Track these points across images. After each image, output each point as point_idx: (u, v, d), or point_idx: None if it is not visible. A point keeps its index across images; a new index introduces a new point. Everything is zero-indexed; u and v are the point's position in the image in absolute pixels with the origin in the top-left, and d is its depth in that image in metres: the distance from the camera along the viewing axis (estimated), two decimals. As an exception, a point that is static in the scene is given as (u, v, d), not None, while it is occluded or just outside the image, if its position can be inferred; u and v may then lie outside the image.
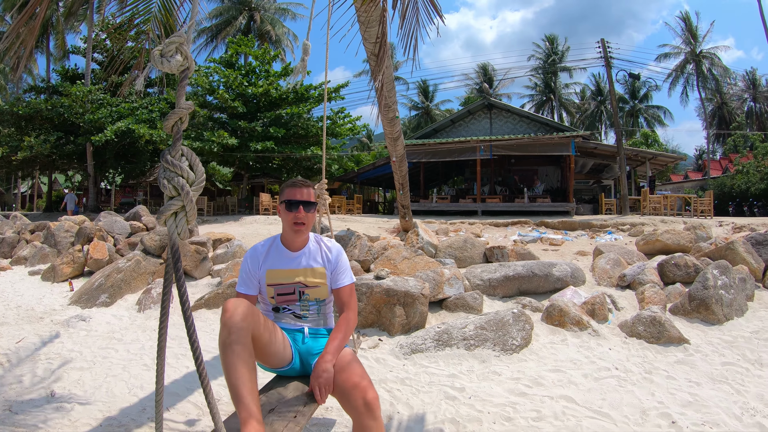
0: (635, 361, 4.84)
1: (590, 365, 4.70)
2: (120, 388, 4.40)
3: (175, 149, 2.01)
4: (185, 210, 2.00)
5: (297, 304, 2.89)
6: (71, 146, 25.20)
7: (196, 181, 2.04)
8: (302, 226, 2.80)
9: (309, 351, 2.83)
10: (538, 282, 7.20)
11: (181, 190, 1.97)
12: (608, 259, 8.16)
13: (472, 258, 9.21)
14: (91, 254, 9.64)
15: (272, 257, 2.88)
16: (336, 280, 2.89)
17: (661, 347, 5.19)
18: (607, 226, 14.80)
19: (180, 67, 2.02)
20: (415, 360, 4.93)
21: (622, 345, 5.31)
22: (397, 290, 5.90)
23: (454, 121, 27.26)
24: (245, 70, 26.27)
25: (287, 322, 2.93)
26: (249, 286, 2.86)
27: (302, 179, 2.91)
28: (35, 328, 6.41)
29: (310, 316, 2.93)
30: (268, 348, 2.58)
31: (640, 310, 6.30)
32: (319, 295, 2.89)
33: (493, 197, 23.98)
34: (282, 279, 2.84)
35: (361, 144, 52.68)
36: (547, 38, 54.41)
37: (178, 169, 1.98)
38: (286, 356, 2.72)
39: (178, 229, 2.02)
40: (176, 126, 2.03)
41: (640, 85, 51.88)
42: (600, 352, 5.08)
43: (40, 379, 4.65)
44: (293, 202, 2.78)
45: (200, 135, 23.34)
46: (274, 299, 2.88)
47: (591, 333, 5.55)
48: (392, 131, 8.94)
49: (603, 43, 22.22)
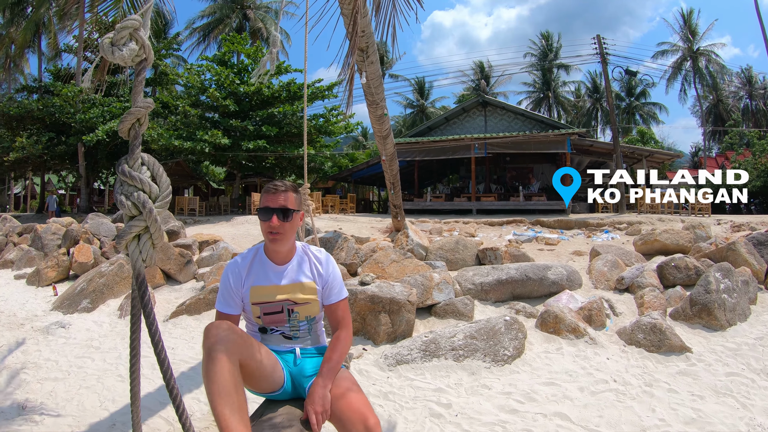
0: (634, 372, 4.56)
1: (587, 377, 4.42)
2: (92, 401, 4.20)
3: (133, 157, 1.74)
4: (149, 231, 1.73)
5: (286, 325, 2.59)
6: (63, 146, 24.80)
7: (160, 195, 1.77)
8: (278, 236, 2.46)
9: (301, 372, 2.55)
10: (533, 286, 6.88)
11: (142, 207, 1.70)
12: (605, 260, 7.87)
13: (465, 260, 8.92)
14: (76, 257, 9.38)
15: (256, 272, 2.55)
16: (328, 295, 2.60)
17: (662, 356, 4.92)
18: (604, 224, 14.55)
19: (135, 58, 1.74)
20: (401, 372, 4.63)
21: (620, 354, 5.02)
22: (382, 297, 5.59)
23: (449, 118, 27.02)
24: (237, 68, 26.00)
25: (276, 343, 2.63)
26: (230, 305, 2.52)
27: (280, 182, 2.55)
28: (15, 335, 6.23)
29: (301, 336, 2.65)
30: (257, 372, 2.31)
31: (639, 315, 6.02)
32: (309, 313, 2.60)
33: (488, 196, 23.74)
34: (268, 296, 2.52)
35: (356, 142, 52.32)
36: (542, 35, 54.12)
37: (138, 181, 1.71)
38: (276, 380, 2.43)
39: (142, 255, 1.75)
40: (134, 129, 1.76)
41: (637, 82, 51.61)
42: (597, 362, 4.80)
43: (13, 390, 4.50)
44: (266, 210, 2.45)
45: (192, 134, 23.04)
46: (260, 319, 2.56)
47: (588, 341, 5.26)
48: (381, 129, 8.65)
49: (599, 39, 21.96)
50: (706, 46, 47.04)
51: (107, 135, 22.63)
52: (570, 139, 21.39)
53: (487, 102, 26.11)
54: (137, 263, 1.73)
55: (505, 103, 27.66)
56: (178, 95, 27.80)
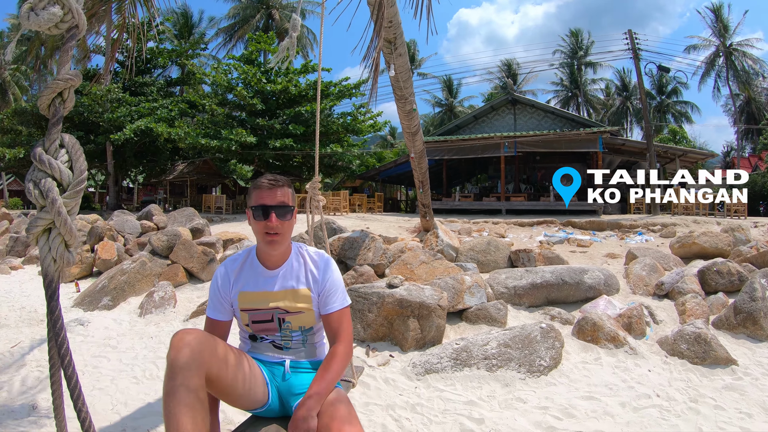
0: (678, 386, 4.28)
1: (628, 391, 4.14)
2: (103, 404, 4.07)
3: (49, 138, 1.52)
4: (57, 227, 1.51)
5: (277, 335, 2.35)
6: (92, 145, 25.29)
7: (72, 183, 1.54)
8: (276, 237, 2.22)
9: (290, 390, 2.29)
10: (569, 290, 6.56)
11: (44, 197, 1.48)
12: (644, 264, 7.52)
13: (496, 262, 8.63)
14: (100, 254, 9.39)
15: (245, 276, 2.33)
16: (325, 303, 2.32)
17: (707, 369, 4.62)
18: (637, 226, 14.12)
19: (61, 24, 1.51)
20: (429, 382, 4.39)
21: (662, 366, 4.72)
22: (411, 301, 5.36)
23: (477, 117, 26.69)
24: (264, 67, 26.00)
25: (266, 353, 2.40)
26: (219, 311, 2.32)
27: (274, 176, 2.31)
28: (33, 332, 6.22)
29: (293, 347, 2.39)
30: (233, 389, 2.06)
31: (680, 323, 5.71)
32: (303, 323, 2.34)
33: (517, 195, 23.36)
34: (257, 303, 2.29)
35: (384, 141, 52.12)
36: (571, 32, 53.14)
37: (47, 166, 1.49)
38: (257, 396, 2.19)
39: (53, 253, 1.51)
40: (54, 105, 1.53)
41: (669, 80, 50.34)
42: (638, 374, 4.51)
43: (26, 389, 4.44)
44: (263, 207, 2.19)
45: (218, 133, 23.12)
46: (249, 327, 2.35)
47: (628, 351, 4.96)
48: (410, 125, 8.43)
49: (630, 34, 21.33)
50: (740, 41, 45.70)
51: (135, 134, 22.96)
52: (602, 137, 20.86)
53: (516, 100, 25.72)
54: (46, 261, 1.51)
55: (535, 101, 27.22)
56: (206, 94, 27.96)
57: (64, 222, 1.50)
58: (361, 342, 5.45)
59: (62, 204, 1.49)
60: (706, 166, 50.18)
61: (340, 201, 22.92)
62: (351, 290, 5.82)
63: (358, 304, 5.62)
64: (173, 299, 7.44)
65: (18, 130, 25.20)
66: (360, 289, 5.79)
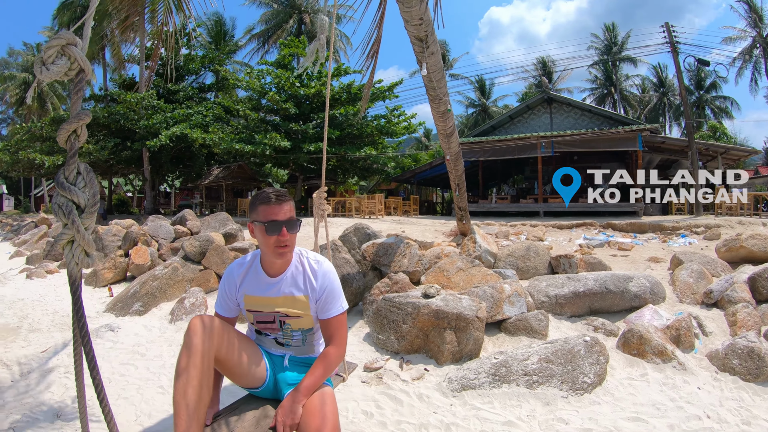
0: (730, 405, 3.97)
1: (677, 411, 3.85)
2: (127, 415, 3.99)
3: (68, 168, 1.85)
4: (77, 240, 1.85)
5: (279, 333, 2.61)
6: (128, 152, 25.95)
7: (87, 204, 1.87)
8: (286, 249, 2.43)
9: (285, 380, 2.57)
10: (613, 299, 6.22)
11: (67, 219, 1.82)
12: (691, 270, 7.10)
13: (536, 268, 8.33)
14: (133, 259, 9.46)
15: (249, 281, 2.56)
16: (322, 309, 2.54)
17: (760, 387, 4.30)
18: (680, 228, 13.60)
19: (69, 72, 1.80)
20: (466, 399, 4.17)
21: (713, 383, 4.40)
22: (447, 312, 5.15)
23: (513, 117, 26.32)
24: (298, 72, 26.10)
25: (269, 346, 2.69)
26: (225, 308, 2.62)
27: (277, 190, 2.47)
28: (65, 336, 6.20)
29: (293, 344, 2.66)
30: (237, 368, 2.42)
31: (731, 335, 5.36)
32: (302, 325, 2.59)
33: (555, 197, 22.86)
34: (260, 306, 2.54)
35: (419, 144, 51.90)
36: (606, 27, 51.89)
37: (68, 192, 1.83)
38: (257, 376, 2.51)
39: (75, 259, 1.87)
40: (70, 141, 1.85)
41: (707, 74, 48.74)
42: (687, 392, 4.21)
43: (51, 396, 4.40)
44: (275, 223, 2.36)
45: (252, 138, 23.29)
46: (254, 324, 2.64)
47: (676, 366, 4.65)
48: (444, 126, 8.23)
49: (668, 27, 20.53)
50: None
51: (170, 140, 23.42)
52: (641, 135, 20.23)
53: (552, 99, 25.27)
54: (70, 266, 1.86)
55: (571, 99, 26.70)
56: (240, 100, 28.26)
57: (83, 236, 1.86)
58: (394, 354, 5.28)
59: (80, 223, 1.84)
60: (747, 164, 48.70)
61: (375, 204, 22.82)
62: (385, 299, 5.66)
63: (392, 314, 5.45)
64: (204, 305, 7.37)
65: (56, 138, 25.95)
66: (394, 299, 5.62)
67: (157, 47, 6.79)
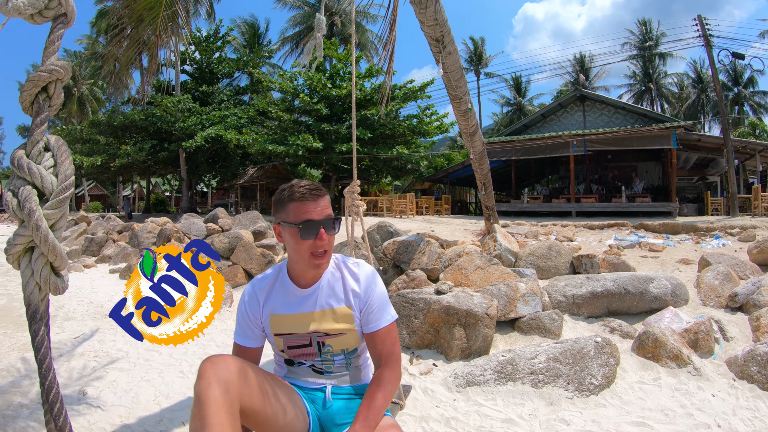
0: (743, 414, 3.75)
1: (686, 419, 3.68)
2: (147, 395, 4.23)
3: (32, 140, 1.30)
4: (38, 245, 1.26)
5: (317, 359, 2.06)
6: (165, 153, 26.67)
7: (54, 190, 1.29)
8: (325, 257, 1.91)
9: (332, 420, 2.00)
10: (631, 301, 6.03)
11: (20, 210, 1.22)
12: (716, 272, 6.82)
13: (557, 268, 8.21)
14: (164, 255, 9.76)
15: (276, 296, 2.03)
16: (369, 321, 2.00)
17: (777, 397, 4.08)
18: (714, 229, 13.21)
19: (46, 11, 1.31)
20: (469, 395, 4.12)
21: (728, 390, 4.19)
22: (457, 308, 5.10)
23: (545, 115, 26.01)
24: (329, 73, 26.31)
25: (304, 378, 2.10)
26: (248, 336, 2.03)
27: (311, 182, 1.93)
28: (97, 324, 6.62)
29: (335, 371, 2.09)
30: (272, 421, 1.80)
31: (753, 341, 5.12)
32: (345, 345, 2.04)
33: (588, 197, 22.51)
34: (292, 328, 2.00)
35: (453, 143, 51.65)
36: (640, 22, 50.45)
37: (27, 172, 1.26)
38: (298, 426, 1.89)
39: (36, 277, 1.25)
40: (37, 102, 1.31)
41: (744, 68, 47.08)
42: (700, 399, 4.01)
43: (80, 377, 4.69)
44: (311, 223, 1.84)
45: (285, 139, 23.59)
46: (284, 352, 2.07)
47: (691, 372, 4.45)
48: (467, 125, 8.17)
49: (700, 20, 19.90)
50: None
51: (206, 141, 24.13)
52: (676, 133, 19.67)
53: (585, 96, 24.87)
54: (28, 288, 1.26)
55: (604, 97, 26.23)
56: (273, 101, 28.69)
57: (44, 239, 1.25)
58: (406, 349, 5.28)
59: (41, 216, 1.25)
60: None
61: (406, 204, 22.86)
62: (399, 295, 5.66)
63: (405, 309, 5.45)
64: (230, 299, 7.64)
65: (95, 140, 26.85)
66: (408, 294, 5.61)
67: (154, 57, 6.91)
